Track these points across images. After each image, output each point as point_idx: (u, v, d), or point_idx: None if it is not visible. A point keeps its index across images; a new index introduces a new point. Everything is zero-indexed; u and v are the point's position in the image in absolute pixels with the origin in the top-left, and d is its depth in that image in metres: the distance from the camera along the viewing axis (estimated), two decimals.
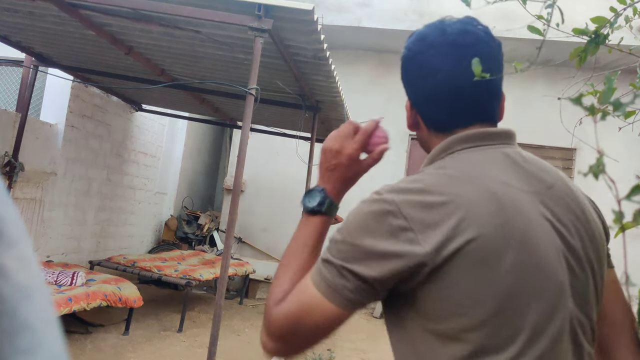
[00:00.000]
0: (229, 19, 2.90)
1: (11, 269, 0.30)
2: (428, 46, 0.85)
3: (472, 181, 0.76)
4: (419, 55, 0.86)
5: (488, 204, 0.73)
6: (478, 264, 0.70)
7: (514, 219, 0.73)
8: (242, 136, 2.94)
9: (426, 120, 0.89)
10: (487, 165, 0.80)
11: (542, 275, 0.73)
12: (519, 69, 1.36)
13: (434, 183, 0.76)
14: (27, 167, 4.90)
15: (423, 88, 0.87)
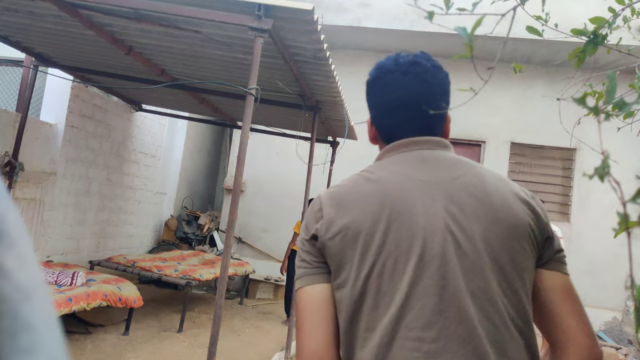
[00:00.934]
0: (229, 19, 2.90)
1: (11, 269, 0.31)
2: (385, 72, 1.05)
3: (371, 180, 0.99)
4: (377, 80, 1.06)
5: (372, 196, 0.96)
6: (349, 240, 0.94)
7: (394, 203, 0.94)
8: (242, 136, 2.94)
9: (381, 133, 1.09)
10: (397, 164, 1.01)
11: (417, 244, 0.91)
12: (518, 71, 1.36)
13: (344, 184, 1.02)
14: (27, 167, 4.91)
15: (381, 105, 1.07)
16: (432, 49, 7.51)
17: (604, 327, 7.01)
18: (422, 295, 0.89)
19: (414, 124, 1.05)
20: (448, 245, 0.91)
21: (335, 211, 0.96)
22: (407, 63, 1.03)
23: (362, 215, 0.94)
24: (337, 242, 0.94)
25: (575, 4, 6.18)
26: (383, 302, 0.90)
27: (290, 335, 4.56)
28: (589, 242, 7.14)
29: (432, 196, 0.95)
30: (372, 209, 0.94)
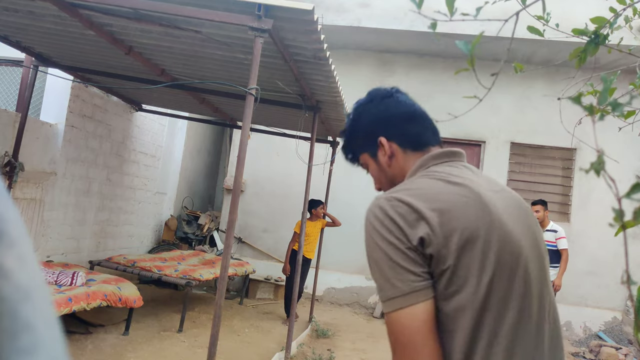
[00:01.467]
0: (229, 19, 2.90)
1: (11, 269, 0.30)
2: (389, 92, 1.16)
3: (457, 183, 0.98)
4: (387, 97, 1.15)
5: (470, 200, 0.94)
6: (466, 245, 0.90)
7: (493, 211, 0.94)
8: (242, 136, 2.94)
9: (404, 143, 1.12)
10: (461, 172, 1.05)
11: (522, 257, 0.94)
12: (519, 70, 1.36)
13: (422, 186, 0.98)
14: (27, 167, 4.90)
15: (401, 115, 1.13)
16: (432, 49, 7.52)
17: (604, 327, 7.01)
18: (528, 305, 0.92)
19: (436, 134, 1.16)
20: (536, 262, 0.97)
21: (438, 215, 0.89)
22: (396, 89, 1.17)
23: (472, 220, 0.90)
24: (453, 247, 0.87)
25: (576, 4, 6.18)
26: (503, 309, 0.89)
27: (290, 335, 4.56)
28: (589, 242, 7.14)
29: (507, 208, 0.98)
30: (477, 214, 0.92)
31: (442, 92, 7.65)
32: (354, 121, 1.19)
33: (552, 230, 6.02)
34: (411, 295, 0.85)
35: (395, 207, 0.91)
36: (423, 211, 0.89)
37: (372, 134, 1.14)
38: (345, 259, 7.66)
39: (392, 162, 1.13)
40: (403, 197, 0.93)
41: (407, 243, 0.87)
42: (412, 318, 0.84)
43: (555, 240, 5.95)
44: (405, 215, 0.89)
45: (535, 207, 6.08)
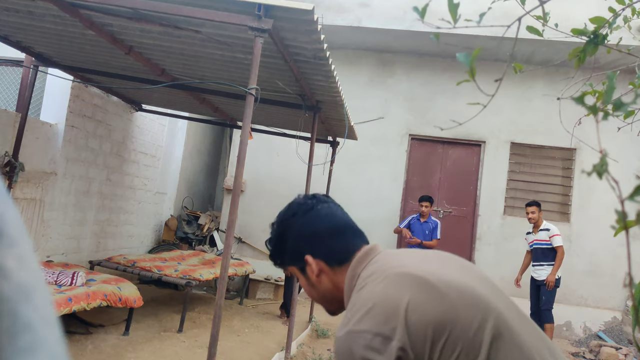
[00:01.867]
0: (229, 19, 2.91)
1: (11, 269, 0.31)
2: (311, 205, 1.16)
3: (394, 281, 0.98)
4: (309, 212, 1.15)
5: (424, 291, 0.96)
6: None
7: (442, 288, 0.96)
8: (242, 136, 2.94)
9: (330, 259, 1.12)
10: (390, 264, 1.05)
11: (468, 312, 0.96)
12: (518, 70, 1.36)
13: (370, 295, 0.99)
14: (27, 167, 4.91)
15: (322, 233, 1.13)
16: (432, 49, 7.52)
17: (604, 327, 7.01)
18: None
19: (359, 237, 1.16)
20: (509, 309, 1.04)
21: (401, 326, 0.93)
22: (321, 198, 1.19)
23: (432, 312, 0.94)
24: (427, 346, 0.92)
25: (576, 4, 6.18)
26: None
27: (290, 335, 4.56)
28: (589, 242, 7.14)
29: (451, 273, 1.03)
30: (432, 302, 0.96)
31: (442, 92, 7.65)
32: (280, 236, 1.18)
33: (545, 229, 6.02)
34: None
35: (361, 344, 0.92)
36: (385, 332, 0.91)
37: (298, 251, 1.14)
38: None
39: (322, 279, 1.14)
40: (363, 327, 0.93)
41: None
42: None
43: (549, 239, 5.95)
44: (373, 345, 0.91)
45: (530, 208, 6.08)
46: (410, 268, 1.00)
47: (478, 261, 7.44)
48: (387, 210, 7.66)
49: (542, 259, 6.00)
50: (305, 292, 1.22)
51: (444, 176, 7.71)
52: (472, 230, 7.54)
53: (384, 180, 7.69)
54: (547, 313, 5.89)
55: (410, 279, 0.97)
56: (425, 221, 6.57)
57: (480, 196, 7.55)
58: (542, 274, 5.98)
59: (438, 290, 0.95)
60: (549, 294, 5.87)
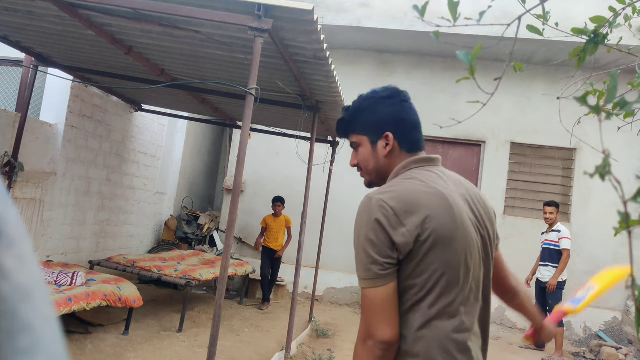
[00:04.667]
0: (229, 19, 2.90)
1: (11, 269, 0.30)
2: (406, 97, 1.36)
3: (429, 190, 1.21)
4: (406, 102, 1.35)
5: (442, 209, 1.18)
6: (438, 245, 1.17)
7: (456, 209, 1.21)
8: (242, 136, 2.94)
9: (403, 144, 1.33)
10: (435, 180, 1.26)
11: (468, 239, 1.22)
12: (518, 70, 1.36)
13: (406, 187, 1.22)
14: (27, 167, 4.90)
15: (409, 122, 1.33)
16: (432, 49, 7.52)
17: (604, 327, 7.01)
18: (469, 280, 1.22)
19: (423, 142, 1.37)
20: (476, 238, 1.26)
21: (414, 219, 1.15)
22: (409, 96, 1.37)
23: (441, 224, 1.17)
24: (423, 249, 1.15)
25: (576, 4, 6.18)
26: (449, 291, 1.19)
27: (290, 335, 4.56)
28: (589, 242, 7.14)
29: (466, 203, 1.27)
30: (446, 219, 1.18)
31: (442, 92, 7.65)
32: (368, 108, 1.35)
33: (556, 230, 6.03)
34: (377, 280, 1.14)
35: (381, 210, 1.15)
36: (402, 217, 1.14)
37: (381, 126, 1.32)
38: (345, 259, 7.66)
39: (388, 156, 1.33)
40: (389, 201, 1.16)
41: (385, 242, 1.14)
42: (375, 295, 1.14)
43: (559, 240, 5.95)
44: (389, 218, 1.15)
45: (549, 208, 6.09)
46: (447, 192, 1.22)
47: None
48: None
49: (549, 260, 6.00)
50: (355, 161, 1.40)
51: None
52: None
53: None
54: None
55: (442, 201, 1.19)
56: None
57: None
58: (546, 275, 5.98)
59: (454, 220, 1.18)
60: (555, 297, 5.87)
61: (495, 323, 7.20)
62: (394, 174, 1.30)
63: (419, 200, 1.17)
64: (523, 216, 7.45)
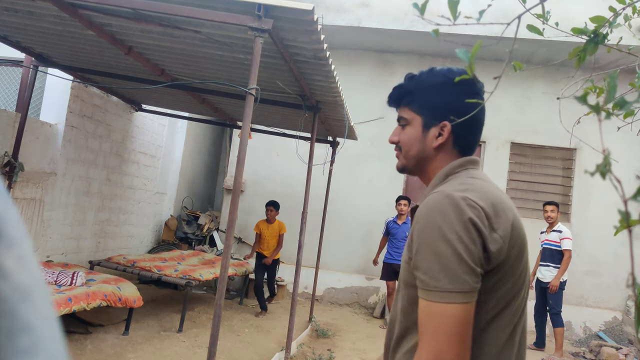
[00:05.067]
0: (229, 19, 2.90)
1: (11, 269, 0.30)
2: (481, 89, 1.15)
3: (502, 195, 1.06)
4: (480, 93, 1.14)
5: (517, 214, 1.05)
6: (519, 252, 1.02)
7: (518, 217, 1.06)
8: (242, 136, 2.94)
9: (459, 142, 1.13)
10: (489, 181, 1.11)
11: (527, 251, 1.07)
12: (518, 69, 1.36)
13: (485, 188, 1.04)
14: (27, 167, 4.90)
15: (476, 121, 1.12)
16: (432, 50, 7.52)
17: (604, 327, 7.01)
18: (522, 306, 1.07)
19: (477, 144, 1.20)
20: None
21: (504, 227, 0.99)
22: (484, 91, 1.16)
23: (521, 234, 1.03)
24: (510, 260, 0.99)
25: (576, 4, 6.18)
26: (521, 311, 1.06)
27: (290, 335, 4.56)
28: (589, 242, 7.14)
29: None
30: (521, 227, 1.04)
31: None
32: (435, 86, 1.13)
33: (557, 230, 6.03)
34: (470, 294, 0.92)
35: (472, 209, 0.95)
36: (493, 222, 0.97)
37: (442, 112, 1.12)
38: (345, 259, 7.66)
39: (437, 148, 1.13)
40: (477, 200, 0.97)
41: (480, 247, 0.93)
42: (463, 313, 0.91)
43: (560, 241, 5.95)
44: (482, 220, 0.95)
45: (549, 206, 6.09)
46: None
47: None
48: (387, 210, 7.65)
49: (550, 260, 6.00)
50: (396, 138, 1.19)
51: None
52: None
53: (383, 180, 7.69)
54: (556, 317, 5.88)
55: (513, 206, 1.06)
56: (404, 222, 6.57)
57: None
58: (547, 276, 5.98)
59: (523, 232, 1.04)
60: (556, 298, 5.87)
61: None
62: (447, 171, 1.11)
63: (502, 203, 1.00)
64: (523, 216, 7.44)
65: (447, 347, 0.90)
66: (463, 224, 0.93)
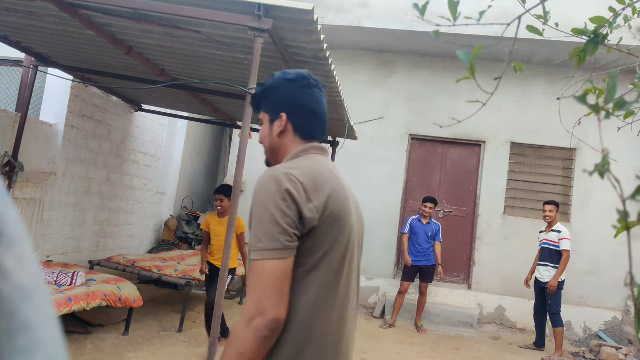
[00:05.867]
0: (229, 19, 2.90)
1: (11, 269, 0.30)
2: (312, 84, 1.38)
3: (329, 173, 1.27)
4: (310, 87, 1.37)
5: (340, 190, 1.25)
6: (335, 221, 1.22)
7: (348, 193, 1.29)
8: (242, 136, 2.94)
9: (298, 129, 1.36)
10: (329, 167, 1.32)
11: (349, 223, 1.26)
12: (519, 70, 1.36)
13: (311, 166, 1.25)
14: (27, 167, 4.90)
15: (307, 109, 1.36)
16: (432, 49, 7.52)
17: (604, 327, 7.01)
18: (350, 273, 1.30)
19: (324, 133, 1.42)
20: (356, 225, 1.32)
21: (320, 198, 1.19)
22: (320, 86, 1.41)
23: (340, 205, 1.23)
24: (324, 226, 1.18)
25: (576, 4, 6.18)
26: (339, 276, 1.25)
27: None
28: (589, 242, 7.14)
29: (347, 191, 1.32)
30: (343, 201, 1.25)
31: (442, 92, 7.65)
32: (270, 87, 1.38)
33: (556, 230, 6.03)
34: (284, 251, 1.12)
35: (291, 182, 1.16)
36: (311, 194, 1.16)
37: (279, 106, 1.36)
38: None
39: (281, 137, 1.36)
40: (298, 176, 1.18)
41: (294, 213, 1.13)
42: (277, 268, 1.11)
43: (559, 241, 5.95)
44: (299, 192, 1.15)
45: (548, 206, 6.09)
46: (339, 177, 1.31)
47: (478, 261, 7.44)
48: (387, 210, 7.66)
49: (548, 260, 6.00)
50: (260, 136, 1.44)
51: (444, 176, 7.71)
52: (472, 230, 7.54)
53: (384, 180, 7.69)
54: (555, 317, 5.88)
55: (338, 183, 1.26)
56: (427, 223, 6.57)
57: (480, 196, 7.55)
58: (545, 276, 5.97)
59: (346, 203, 1.25)
60: (555, 298, 5.87)
61: (495, 323, 7.20)
62: (292, 155, 1.33)
63: (323, 180, 1.21)
64: (523, 216, 7.45)
65: (267, 295, 1.09)
66: (281, 194, 1.13)
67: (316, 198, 1.16)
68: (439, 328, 6.73)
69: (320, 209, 1.16)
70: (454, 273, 7.52)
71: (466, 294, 7.29)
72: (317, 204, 1.16)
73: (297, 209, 1.13)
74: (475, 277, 7.42)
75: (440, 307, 6.95)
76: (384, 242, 7.54)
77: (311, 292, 1.16)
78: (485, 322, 7.19)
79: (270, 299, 1.08)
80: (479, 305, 7.24)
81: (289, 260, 1.12)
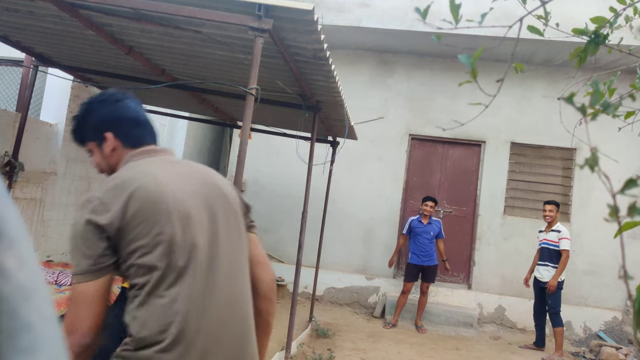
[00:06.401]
0: (229, 19, 2.90)
1: (11, 269, 0.30)
2: (119, 97, 1.45)
3: (140, 172, 1.30)
4: (118, 101, 1.43)
5: (148, 183, 1.26)
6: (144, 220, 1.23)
7: (165, 189, 1.27)
8: (242, 136, 2.94)
9: (126, 141, 1.41)
10: (149, 164, 1.35)
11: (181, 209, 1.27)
12: (519, 70, 1.36)
13: (120, 175, 1.30)
14: (27, 167, 4.90)
15: (128, 119, 1.42)
16: (432, 49, 7.52)
17: (604, 327, 7.01)
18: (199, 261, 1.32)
19: (153, 136, 1.47)
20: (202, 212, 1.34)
21: (122, 202, 1.23)
22: (129, 95, 1.48)
23: (147, 201, 1.25)
24: (132, 224, 1.22)
25: (576, 4, 6.18)
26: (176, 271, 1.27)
27: (290, 335, 4.56)
28: (589, 241, 7.14)
29: (182, 184, 1.34)
30: (152, 196, 1.26)
31: (442, 92, 7.65)
32: (85, 116, 1.43)
33: (556, 230, 6.03)
34: (89, 274, 1.18)
35: (89, 207, 1.22)
36: (110, 204, 1.21)
37: (100, 129, 1.41)
38: (345, 258, 7.66)
39: (114, 154, 1.42)
40: (99, 194, 1.24)
41: (97, 235, 1.19)
42: (91, 289, 1.18)
43: (558, 240, 5.95)
44: (96, 209, 1.21)
45: (548, 206, 6.10)
46: (157, 170, 1.31)
47: (478, 261, 7.44)
48: (387, 210, 7.66)
49: (548, 260, 6.00)
50: (95, 166, 1.48)
51: (444, 176, 7.71)
52: (472, 230, 7.55)
53: (384, 180, 7.69)
54: (555, 317, 5.88)
55: (148, 177, 1.27)
56: (428, 222, 6.57)
57: (480, 196, 7.56)
58: (545, 275, 5.98)
59: (163, 194, 1.25)
60: (554, 297, 5.87)
61: (495, 323, 7.20)
62: (120, 167, 1.39)
63: (129, 181, 1.25)
64: (523, 216, 7.45)
65: (77, 315, 1.17)
66: (82, 224, 1.20)
67: (115, 204, 1.21)
68: (439, 328, 6.73)
69: (119, 212, 1.20)
70: (454, 273, 7.52)
71: (466, 293, 7.29)
72: (116, 208, 1.20)
73: (97, 229, 1.19)
74: (475, 277, 7.42)
75: (440, 306, 6.95)
76: (384, 242, 7.54)
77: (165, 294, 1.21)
78: (485, 321, 7.19)
79: (80, 318, 1.17)
80: (479, 305, 7.24)
81: (100, 280, 1.18)
